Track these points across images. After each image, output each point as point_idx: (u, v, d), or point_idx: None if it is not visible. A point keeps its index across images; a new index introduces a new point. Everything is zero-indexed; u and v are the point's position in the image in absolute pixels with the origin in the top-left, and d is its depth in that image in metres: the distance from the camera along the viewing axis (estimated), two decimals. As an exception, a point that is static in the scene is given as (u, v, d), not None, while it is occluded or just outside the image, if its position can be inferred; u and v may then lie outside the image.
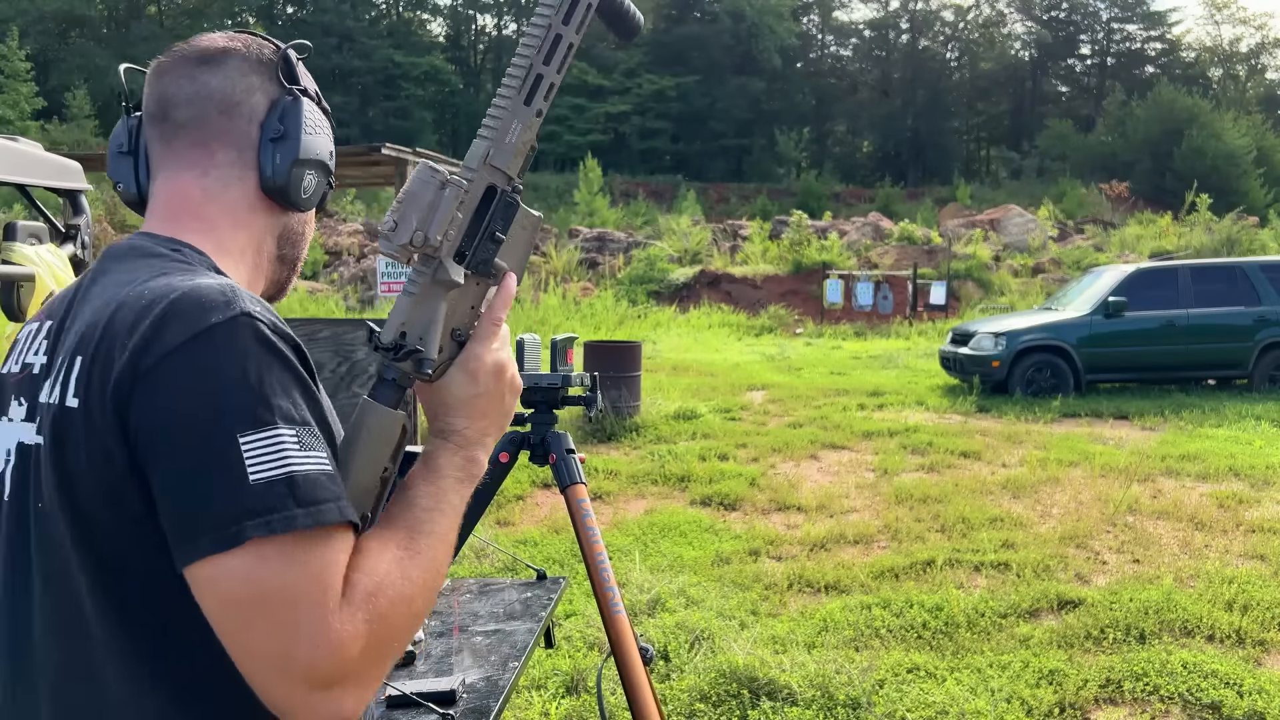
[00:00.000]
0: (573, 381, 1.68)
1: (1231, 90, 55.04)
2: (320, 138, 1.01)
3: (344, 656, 0.77)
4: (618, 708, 3.19)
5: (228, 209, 0.99)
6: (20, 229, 2.90)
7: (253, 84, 0.99)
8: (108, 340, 0.82)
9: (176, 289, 0.83)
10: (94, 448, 0.81)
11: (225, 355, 0.79)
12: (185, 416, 0.78)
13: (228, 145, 0.98)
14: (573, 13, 0.94)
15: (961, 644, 3.81)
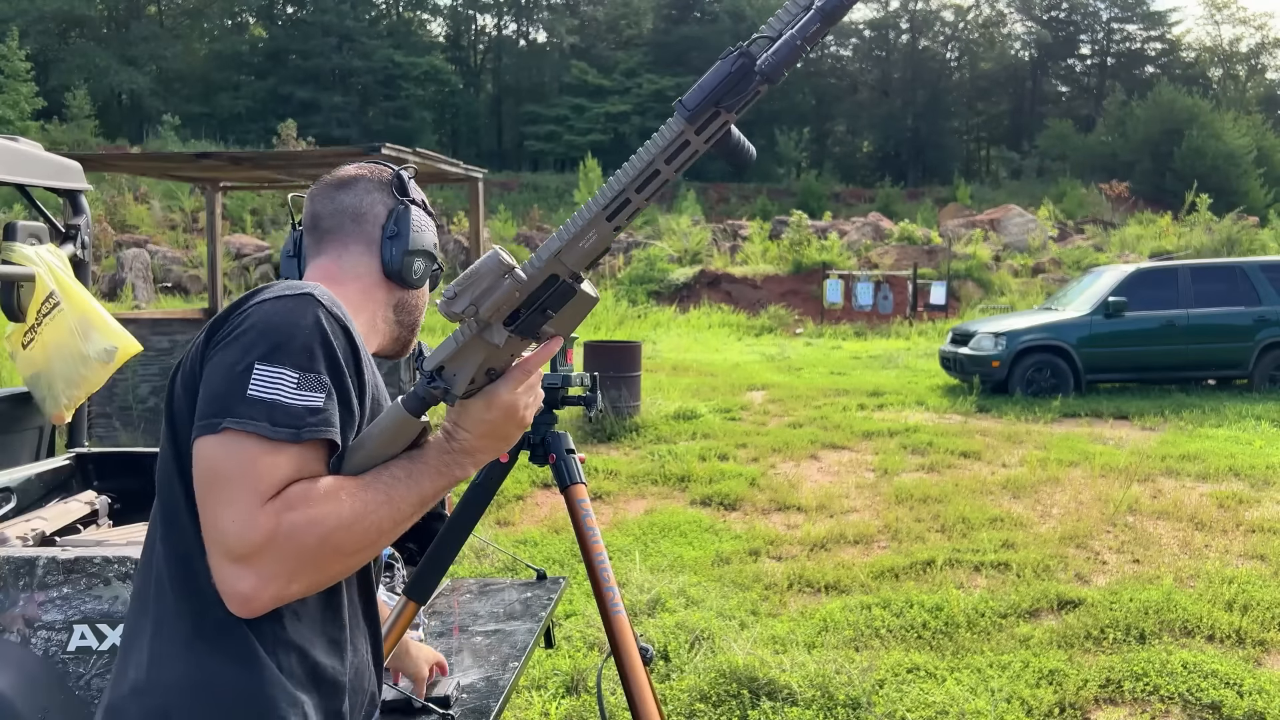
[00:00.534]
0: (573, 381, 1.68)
1: (1231, 90, 55.01)
2: (425, 234, 1.35)
3: (251, 539, 0.97)
4: (618, 708, 3.20)
5: (357, 281, 1.31)
6: (20, 229, 2.90)
7: (376, 199, 1.35)
8: (217, 317, 1.11)
9: (264, 286, 1.13)
10: (187, 370, 1.09)
11: (282, 311, 1.06)
12: (236, 341, 1.04)
13: (358, 241, 1.33)
14: (676, 156, 0.99)
15: (961, 644, 3.81)
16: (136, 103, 45.44)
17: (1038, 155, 49.64)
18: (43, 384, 2.86)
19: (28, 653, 1.84)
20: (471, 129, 53.44)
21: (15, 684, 1.81)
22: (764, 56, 0.95)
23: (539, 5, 56.59)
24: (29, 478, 2.74)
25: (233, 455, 0.99)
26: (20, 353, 2.83)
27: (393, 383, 6.53)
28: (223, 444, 0.99)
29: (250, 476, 0.98)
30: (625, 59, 51.29)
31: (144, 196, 24.58)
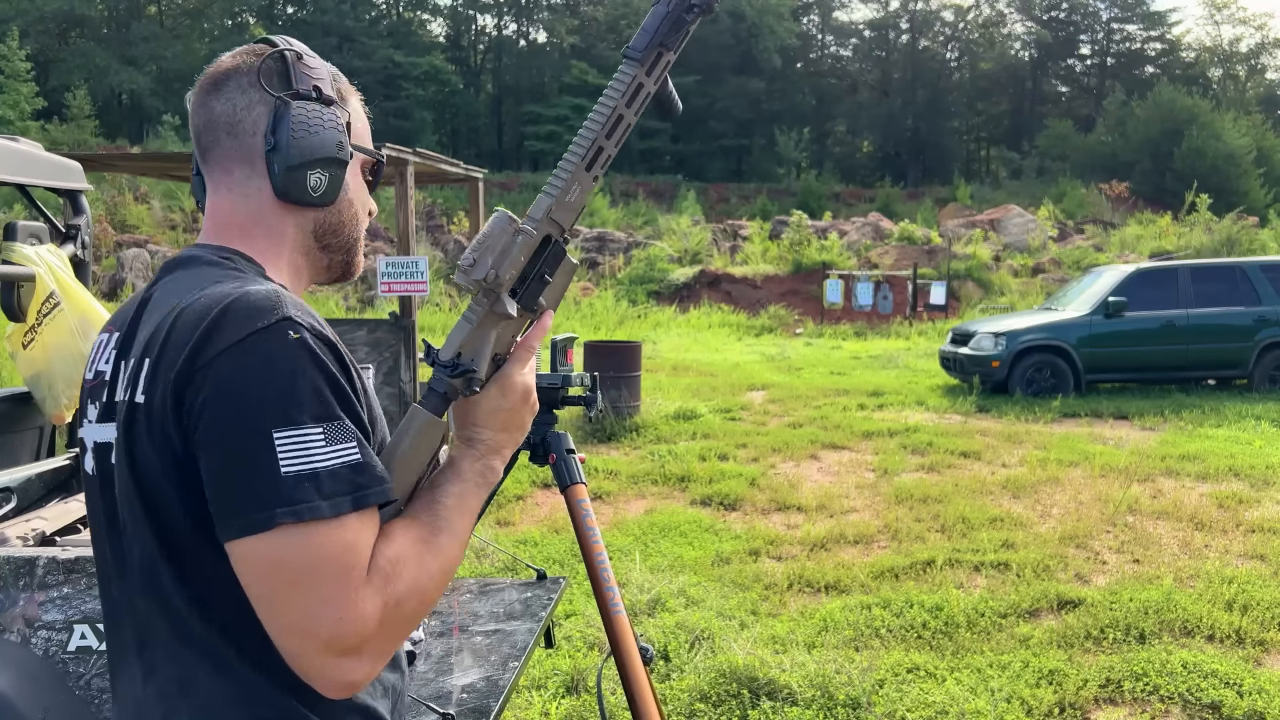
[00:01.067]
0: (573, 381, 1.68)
1: (1231, 90, 55.00)
2: (315, 137, 1.06)
3: (363, 629, 0.88)
4: (618, 708, 3.20)
5: (256, 217, 1.09)
6: (20, 229, 2.90)
7: (251, 99, 1.07)
8: (170, 342, 0.93)
9: (229, 295, 0.94)
10: (156, 435, 0.92)
11: (266, 357, 0.90)
12: (230, 411, 0.88)
13: (241, 162, 1.08)
14: (635, 97, 1.10)
15: (961, 644, 3.81)
16: (136, 103, 45.43)
17: (1038, 155, 49.63)
18: (43, 384, 2.86)
19: (28, 653, 1.84)
20: (471, 129, 53.44)
21: (15, 684, 1.81)
22: None
23: (539, 5, 56.59)
24: (29, 478, 2.74)
25: (302, 549, 0.86)
26: (20, 353, 2.83)
27: (392, 382, 6.52)
28: (282, 540, 0.86)
29: (334, 566, 0.87)
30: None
31: (144, 196, 24.58)
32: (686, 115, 49.99)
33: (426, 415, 1.03)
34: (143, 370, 0.95)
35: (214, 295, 0.95)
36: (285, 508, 0.86)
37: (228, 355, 0.89)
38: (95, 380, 1.06)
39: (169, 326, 0.95)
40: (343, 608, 0.87)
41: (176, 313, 0.95)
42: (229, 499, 0.88)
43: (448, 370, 1.03)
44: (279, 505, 0.86)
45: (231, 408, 0.88)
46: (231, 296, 0.93)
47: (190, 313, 0.94)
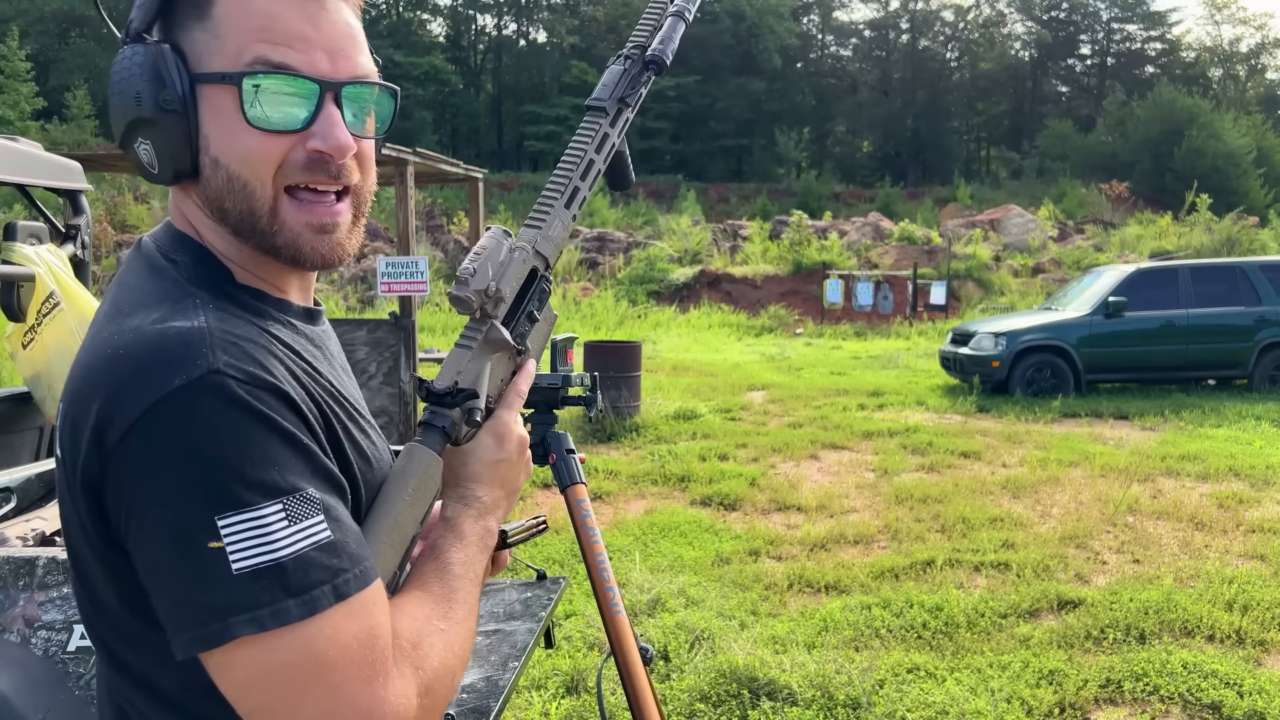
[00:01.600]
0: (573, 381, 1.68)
1: (1231, 90, 55.02)
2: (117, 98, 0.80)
3: (408, 714, 0.74)
4: (618, 708, 3.19)
5: (173, 199, 0.88)
6: (20, 229, 2.90)
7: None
8: (78, 398, 0.74)
9: (140, 340, 0.73)
10: (75, 505, 0.76)
11: (191, 427, 0.69)
12: (157, 504, 0.69)
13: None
14: (602, 146, 1.07)
15: (961, 644, 3.81)
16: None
17: (1038, 155, 49.65)
18: (43, 384, 2.86)
19: (28, 653, 1.84)
20: (471, 129, 53.45)
21: (15, 684, 1.81)
22: (652, 46, 1.10)
23: (539, 5, 56.60)
24: (29, 478, 2.74)
25: (276, 662, 0.70)
26: (20, 353, 2.83)
27: (391, 382, 6.52)
28: (249, 654, 0.69)
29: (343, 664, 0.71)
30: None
31: (144, 196, 24.59)
32: (687, 115, 50.00)
33: (429, 454, 0.88)
34: (62, 422, 0.77)
35: (121, 337, 0.74)
36: (240, 615, 0.68)
37: (141, 429, 0.69)
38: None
39: (79, 373, 0.75)
40: (369, 700, 0.71)
41: (86, 354, 0.76)
42: (172, 611, 0.70)
43: (447, 400, 0.91)
44: (232, 613, 0.68)
45: (159, 500, 0.69)
46: (139, 343, 0.72)
47: (100, 356, 0.74)
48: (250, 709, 0.71)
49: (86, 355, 0.76)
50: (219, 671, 0.71)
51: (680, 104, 49.91)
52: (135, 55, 0.79)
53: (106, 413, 0.71)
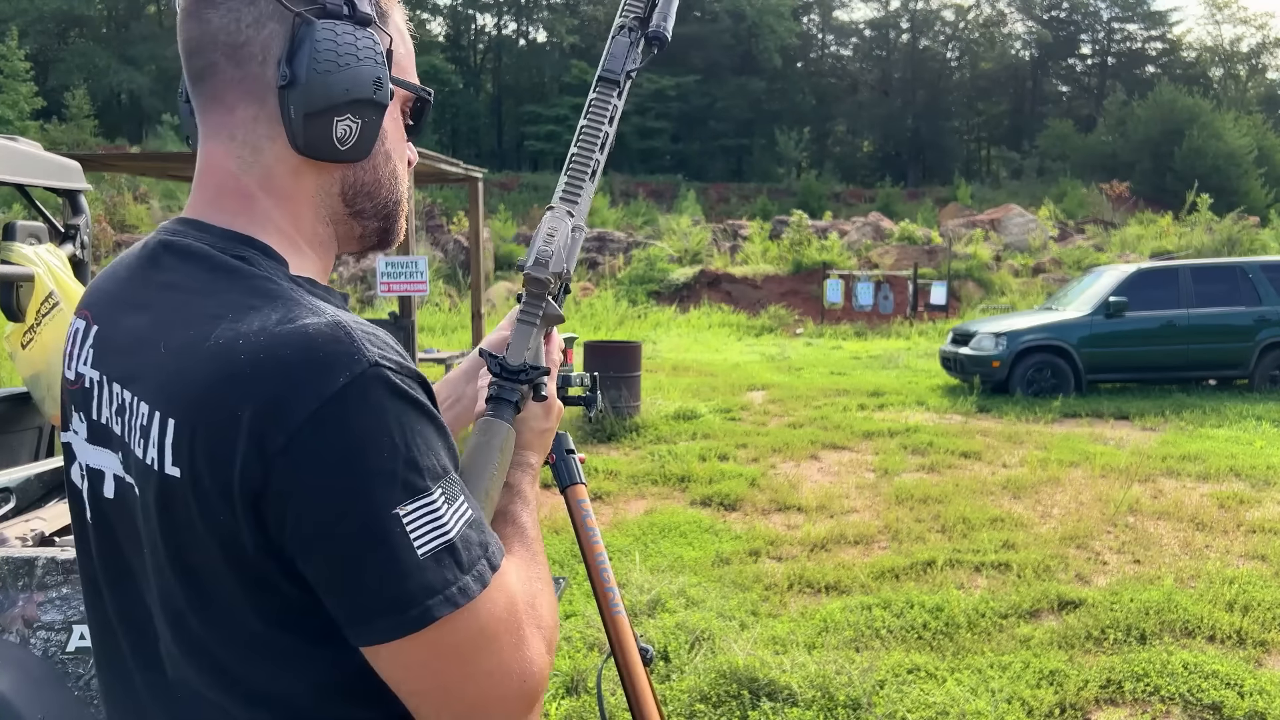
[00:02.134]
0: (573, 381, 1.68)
1: (1232, 90, 55.01)
2: (346, 72, 0.80)
3: (540, 676, 0.79)
4: (618, 708, 3.19)
5: (266, 180, 0.83)
6: (20, 229, 2.90)
7: (261, 11, 0.80)
8: (211, 407, 0.71)
9: (283, 341, 0.72)
10: (212, 522, 0.73)
11: (364, 421, 0.71)
12: (337, 499, 0.70)
13: (245, 98, 0.82)
14: (614, 119, 1.08)
15: (962, 644, 3.81)
16: (136, 102, 45.43)
17: (1038, 155, 49.65)
18: (42, 384, 2.85)
19: (27, 653, 1.84)
20: (471, 129, 53.44)
21: (15, 684, 1.81)
22: (654, 22, 1.09)
23: (539, 5, 56.59)
24: (29, 478, 2.74)
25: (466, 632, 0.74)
26: (20, 353, 2.83)
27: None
28: (442, 632, 0.72)
29: (502, 630, 0.76)
30: (625, 59, 51.20)
31: (143, 196, 24.59)
32: (687, 115, 50.03)
33: (506, 427, 0.92)
34: (167, 434, 0.74)
35: (263, 338, 0.72)
36: (434, 598, 0.72)
37: (311, 427, 0.69)
38: (76, 384, 0.87)
39: (199, 378, 0.73)
40: (521, 663, 0.77)
41: (206, 360, 0.73)
42: (364, 602, 0.72)
43: (522, 375, 0.95)
44: (427, 596, 0.71)
45: (339, 494, 0.70)
46: (291, 342, 0.72)
47: (232, 363, 0.71)
48: (419, 689, 0.75)
49: (200, 362, 0.73)
50: (396, 656, 0.73)
51: (680, 104, 49.91)
52: (369, 39, 0.82)
53: (264, 419, 0.69)
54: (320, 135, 0.81)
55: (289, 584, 0.74)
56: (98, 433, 0.83)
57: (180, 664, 0.79)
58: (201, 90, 0.83)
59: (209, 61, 0.81)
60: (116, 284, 0.87)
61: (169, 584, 0.77)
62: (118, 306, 0.84)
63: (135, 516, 0.79)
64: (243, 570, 0.74)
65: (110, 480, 0.82)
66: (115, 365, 0.82)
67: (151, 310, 0.80)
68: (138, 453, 0.77)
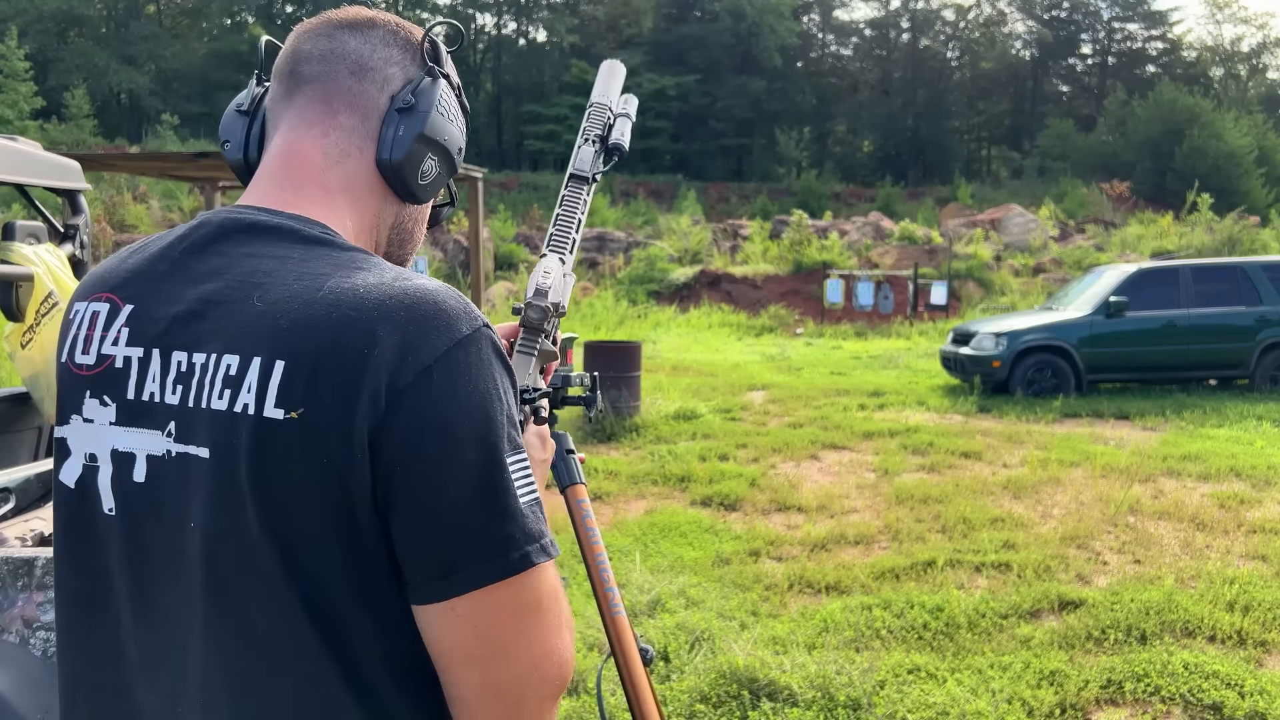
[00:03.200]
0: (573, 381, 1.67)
1: (1233, 90, 55.00)
2: (452, 125, 0.94)
3: (570, 668, 0.81)
4: (618, 708, 3.19)
5: (346, 181, 0.89)
6: (19, 229, 2.89)
7: (392, 55, 0.92)
8: (334, 345, 0.74)
9: (409, 292, 0.77)
10: (316, 464, 0.73)
11: (481, 372, 0.76)
12: (454, 436, 0.73)
13: (352, 108, 0.90)
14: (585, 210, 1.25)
15: (962, 645, 3.81)
16: (135, 102, 45.46)
17: (1038, 155, 49.64)
18: (41, 384, 2.85)
19: (27, 653, 1.84)
20: (471, 129, 52.95)
21: (15, 684, 1.81)
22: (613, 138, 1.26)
23: (539, 5, 56.60)
24: (29, 478, 2.73)
25: (538, 590, 0.76)
26: (19, 353, 2.83)
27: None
28: (529, 583, 0.75)
29: (557, 605, 0.79)
30: (625, 58, 51.05)
31: (143, 196, 24.59)
32: (687, 115, 50.05)
33: None
34: (271, 375, 0.74)
35: (386, 288, 0.77)
36: (533, 545, 0.74)
37: (440, 369, 0.74)
38: (99, 366, 0.83)
39: (318, 321, 0.75)
40: (560, 644, 0.79)
41: (325, 304, 0.76)
42: (466, 545, 0.73)
43: (524, 396, 1.04)
44: (529, 543, 0.74)
45: (459, 433, 0.73)
46: (416, 293, 0.77)
47: (357, 307, 0.75)
48: (475, 652, 0.75)
49: (315, 308, 0.76)
50: (471, 610, 0.74)
51: (680, 104, 49.91)
52: (462, 117, 0.99)
53: (394, 357, 0.73)
54: (412, 161, 0.90)
55: (374, 535, 0.75)
56: (133, 412, 0.81)
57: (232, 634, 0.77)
58: (305, 91, 0.90)
59: (329, 69, 0.90)
60: (153, 263, 0.86)
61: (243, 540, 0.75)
62: (165, 282, 0.84)
63: (186, 491, 0.78)
64: (339, 513, 0.74)
65: (142, 463, 0.80)
66: (174, 336, 0.81)
67: (226, 276, 0.81)
68: (218, 405, 0.76)
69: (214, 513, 0.76)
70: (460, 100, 0.97)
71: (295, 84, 0.91)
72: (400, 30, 0.93)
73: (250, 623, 0.76)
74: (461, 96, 0.98)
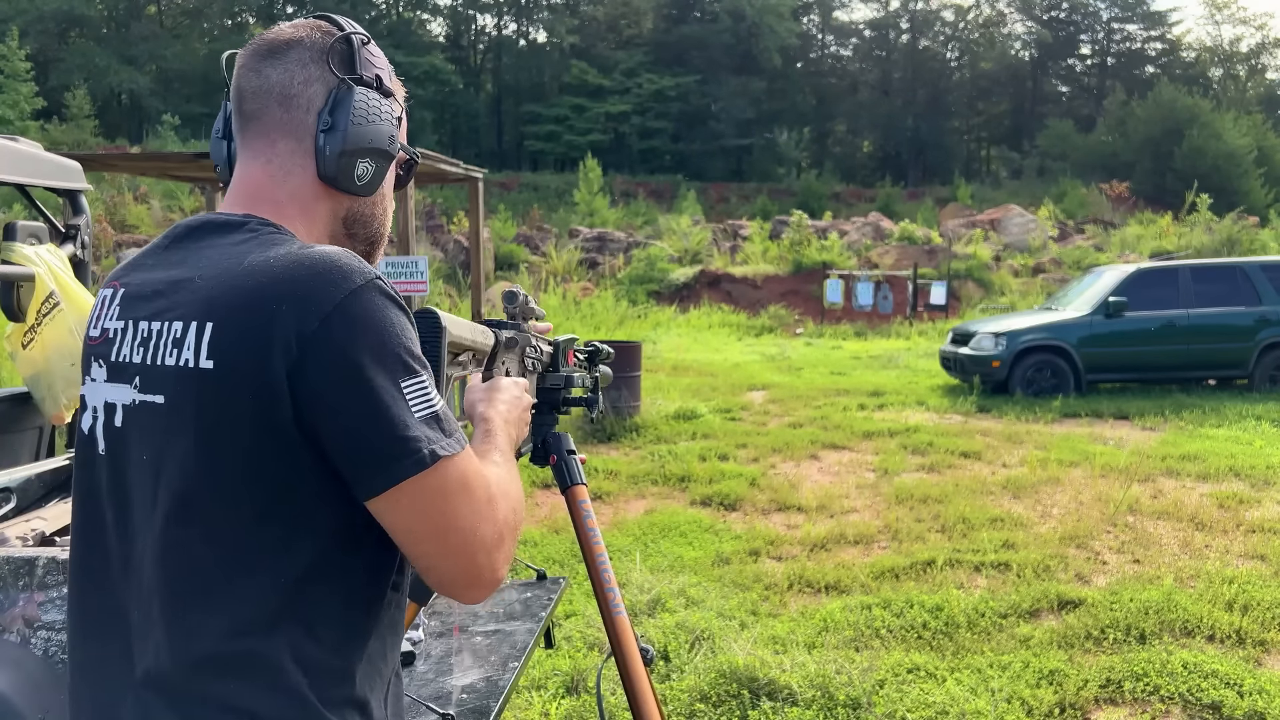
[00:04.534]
0: (574, 382, 1.68)
1: (1232, 90, 55.00)
2: (372, 126, 1.07)
3: (504, 529, 1.00)
4: (618, 708, 3.19)
5: (293, 194, 1.07)
6: (20, 229, 2.90)
7: (311, 75, 1.06)
8: (248, 307, 0.92)
9: (309, 257, 0.94)
10: (239, 404, 0.91)
11: (374, 314, 0.93)
12: (357, 369, 0.91)
13: (287, 135, 1.06)
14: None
15: (962, 644, 3.81)
16: (136, 103, 45.44)
17: (1038, 155, 49.65)
18: (42, 384, 2.85)
19: (27, 653, 1.84)
20: (471, 129, 53.43)
21: (15, 684, 1.81)
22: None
23: (539, 5, 56.58)
24: (29, 478, 2.74)
25: (452, 478, 0.95)
26: (20, 353, 2.83)
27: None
28: (439, 474, 0.93)
29: (478, 484, 0.98)
30: (625, 59, 51.27)
31: (144, 196, 24.58)
32: (687, 115, 50.04)
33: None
34: (204, 335, 0.93)
35: (286, 257, 0.95)
36: (431, 447, 0.93)
37: (337, 315, 0.91)
38: (100, 338, 1.05)
39: (234, 290, 0.94)
40: (491, 515, 0.98)
41: (238, 275, 0.94)
42: (378, 450, 0.91)
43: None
44: (426, 446, 0.93)
45: (358, 365, 0.91)
46: (312, 257, 0.94)
47: (261, 276, 0.93)
48: (417, 530, 0.95)
49: (235, 278, 0.95)
50: (399, 500, 0.93)
51: (680, 104, 49.90)
52: (386, 105, 1.10)
53: (299, 309, 0.91)
54: (345, 171, 1.06)
55: (307, 451, 0.92)
56: (115, 371, 1.02)
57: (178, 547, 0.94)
58: (250, 127, 1.07)
59: (262, 105, 1.06)
60: (144, 258, 1.08)
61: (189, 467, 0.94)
62: (147, 270, 1.05)
63: (147, 430, 0.98)
64: (266, 438, 0.92)
65: (120, 411, 1.01)
66: (143, 309, 1.01)
67: (186, 264, 1.02)
68: (168, 362, 0.96)
69: (166, 446, 0.95)
70: (382, 87, 1.09)
71: (242, 120, 1.08)
72: (315, 43, 1.07)
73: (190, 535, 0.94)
74: (382, 82, 1.10)
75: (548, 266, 22.99)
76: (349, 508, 0.95)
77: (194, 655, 0.93)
